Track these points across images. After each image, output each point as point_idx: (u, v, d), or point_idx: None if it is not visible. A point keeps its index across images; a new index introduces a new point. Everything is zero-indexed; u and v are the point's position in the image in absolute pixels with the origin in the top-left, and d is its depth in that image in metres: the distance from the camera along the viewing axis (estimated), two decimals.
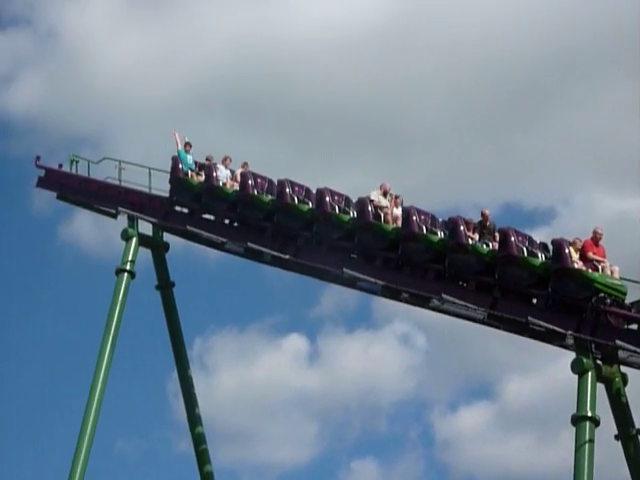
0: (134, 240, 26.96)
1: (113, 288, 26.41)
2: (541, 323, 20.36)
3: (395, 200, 23.40)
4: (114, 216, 28.29)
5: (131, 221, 27.32)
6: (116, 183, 28.70)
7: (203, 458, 26.94)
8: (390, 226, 22.79)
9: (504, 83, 48.51)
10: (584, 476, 19.04)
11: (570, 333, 20.00)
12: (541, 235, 22.28)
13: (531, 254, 20.86)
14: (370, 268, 22.87)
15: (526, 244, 21.03)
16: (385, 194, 23.45)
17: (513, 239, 20.91)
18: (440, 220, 22.69)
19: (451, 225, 21.98)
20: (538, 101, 48.93)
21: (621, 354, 20.22)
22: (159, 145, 36.63)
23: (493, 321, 21.32)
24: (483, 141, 50.44)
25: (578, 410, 19.49)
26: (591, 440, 19.27)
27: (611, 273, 20.23)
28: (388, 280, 22.52)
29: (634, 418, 20.66)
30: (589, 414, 19.40)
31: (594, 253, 20.45)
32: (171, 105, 48.36)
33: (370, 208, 23.02)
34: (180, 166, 26.83)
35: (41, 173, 30.65)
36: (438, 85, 49.53)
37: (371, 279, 22.81)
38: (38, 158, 30.91)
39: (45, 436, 42.77)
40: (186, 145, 27.16)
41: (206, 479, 26.86)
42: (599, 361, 20.12)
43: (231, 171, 26.44)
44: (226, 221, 26.13)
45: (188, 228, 26.35)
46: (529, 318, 20.44)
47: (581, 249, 20.47)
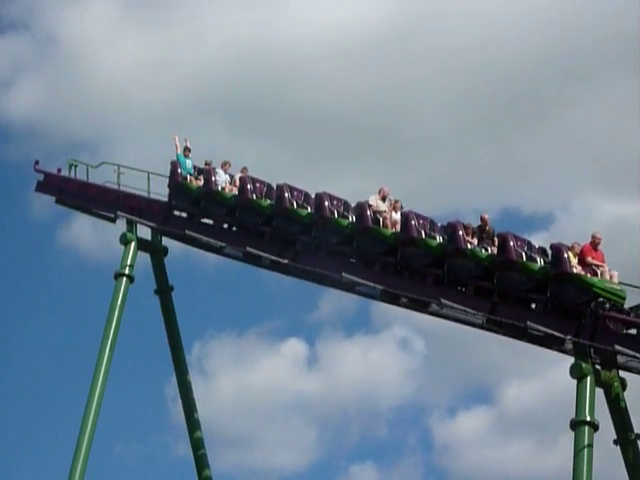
0: (133, 244, 26.98)
1: (112, 292, 26.43)
2: (540, 328, 20.35)
3: (394, 204, 23.38)
4: (113, 220, 28.25)
5: (130, 225, 27.34)
6: (115, 187, 28.69)
7: (202, 463, 26.89)
8: (389, 231, 22.77)
9: (503, 86, 48.54)
10: None
11: (569, 338, 19.98)
12: (540, 240, 22.34)
13: (530, 259, 20.84)
14: (369, 273, 22.85)
15: (525, 249, 21.01)
16: (384, 199, 23.44)
17: (512, 244, 20.88)
18: (439, 225, 22.65)
19: (450, 230, 21.95)
20: (538, 104, 48.93)
21: (620, 359, 20.24)
22: (158, 149, 36.63)
23: (492, 326, 21.32)
24: (482, 145, 50.48)
25: (577, 415, 19.48)
26: (590, 445, 19.25)
27: (610, 278, 20.20)
28: (387, 285, 22.50)
29: (633, 423, 20.68)
30: (588, 419, 19.38)
31: (593, 258, 20.43)
32: (170, 109, 48.38)
33: (369, 213, 22.99)
34: (179, 170, 26.84)
35: (40, 177, 30.65)
36: (437, 89, 49.54)
37: (370, 284, 22.79)
38: (37, 162, 30.93)
39: (44, 440, 42.80)
40: (185, 150, 27.18)
41: None
42: (598, 366, 20.14)
43: (230, 176, 26.44)
44: (225, 225, 26.12)
45: (187, 232, 26.32)
46: (528, 323, 20.44)
47: (580, 254, 20.44)
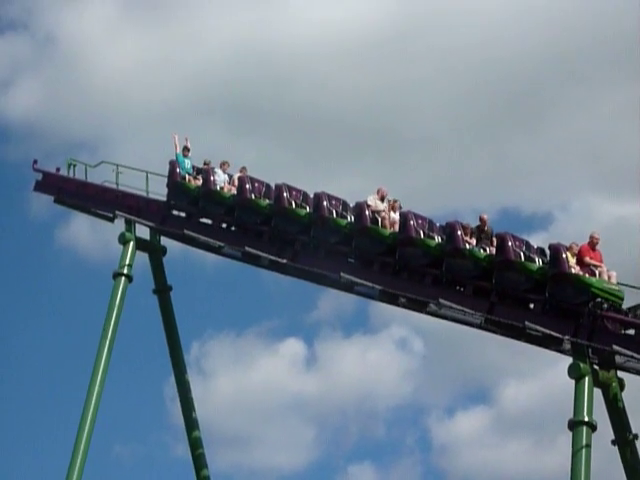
0: (131, 244, 26.96)
1: (110, 292, 26.41)
2: (538, 328, 20.34)
3: (393, 204, 23.38)
4: (111, 220, 28.23)
5: (128, 225, 27.33)
6: (113, 187, 28.68)
7: (200, 462, 26.89)
8: (387, 231, 22.76)
9: (503, 87, 48.56)
10: None
11: (567, 338, 19.98)
12: (538, 240, 22.28)
13: (528, 259, 20.84)
14: (367, 273, 22.85)
15: (523, 249, 21.00)
16: (382, 199, 23.42)
17: (510, 244, 20.88)
18: (437, 225, 22.65)
19: (448, 230, 21.94)
20: (537, 105, 48.97)
21: (618, 359, 20.25)
22: (157, 149, 36.71)
23: (490, 326, 21.32)
24: (482, 145, 50.50)
25: (575, 415, 19.48)
26: (588, 445, 19.25)
27: (608, 278, 20.21)
28: (385, 285, 22.50)
29: (631, 423, 20.70)
30: (586, 419, 19.38)
31: (591, 258, 20.43)
32: (169, 109, 48.39)
33: (367, 213, 22.98)
34: (178, 170, 26.83)
35: (39, 177, 30.62)
36: (437, 89, 49.54)
37: (368, 284, 22.79)
38: (35, 162, 30.91)
39: (42, 440, 42.74)
40: (184, 149, 27.18)
41: None
42: (596, 366, 20.14)
43: (229, 175, 26.43)
44: (223, 225, 26.10)
45: (185, 232, 26.30)
46: (526, 323, 20.43)
47: (578, 254, 20.44)
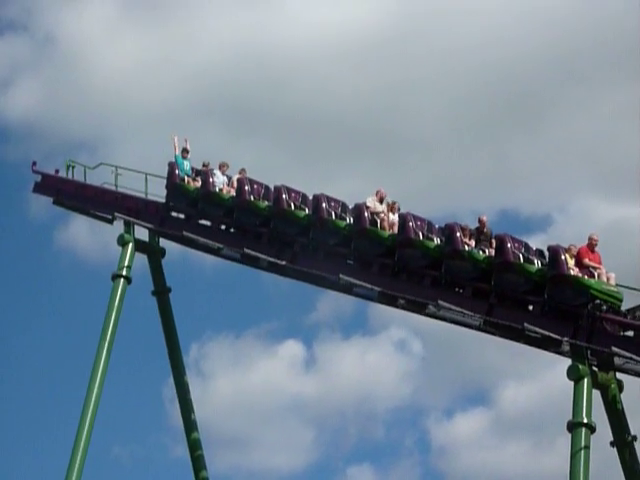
0: (130, 246, 26.97)
1: (109, 294, 26.43)
2: (537, 329, 20.34)
3: (392, 206, 23.38)
4: (110, 222, 28.24)
5: (127, 227, 27.34)
6: (112, 189, 28.68)
7: (199, 464, 26.88)
8: (386, 232, 22.77)
9: (503, 88, 48.59)
10: None
11: (566, 340, 19.98)
12: (538, 242, 22.29)
13: (527, 260, 20.84)
14: (366, 274, 22.84)
15: (522, 250, 21.00)
16: (381, 200, 23.42)
17: (509, 245, 20.88)
18: (437, 226, 22.64)
19: (447, 231, 21.94)
20: (537, 106, 48.99)
21: (617, 361, 20.23)
22: (156, 150, 36.68)
23: (489, 327, 21.34)
24: (481, 146, 50.50)
25: (574, 417, 19.47)
26: (587, 447, 19.25)
27: (607, 280, 20.20)
28: (384, 286, 22.51)
29: (630, 425, 20.69)
30: (585, 421, 19.38)
31: (590, 259, 20.43)
32: (168, 110, 48.40)
33: (366, 214, 22.98)
34: (177, 172, 26.83)
35: (37, 178, 30.65)
36: (437, 90, 49.59)
37: (367, 285, 22.79)
38: (34, 163, 30.94)
39: (41, 441, 42.80)
40: (183, 151, 27.17)
41: None
42: (595, 368, 20.14)
43: (228, 177, 26.42)
44: (222, 227, 26.12)
45: (184, 234, 26.31)
46: (525, 324, 20.43)
47: (577, 255, 20.44)
